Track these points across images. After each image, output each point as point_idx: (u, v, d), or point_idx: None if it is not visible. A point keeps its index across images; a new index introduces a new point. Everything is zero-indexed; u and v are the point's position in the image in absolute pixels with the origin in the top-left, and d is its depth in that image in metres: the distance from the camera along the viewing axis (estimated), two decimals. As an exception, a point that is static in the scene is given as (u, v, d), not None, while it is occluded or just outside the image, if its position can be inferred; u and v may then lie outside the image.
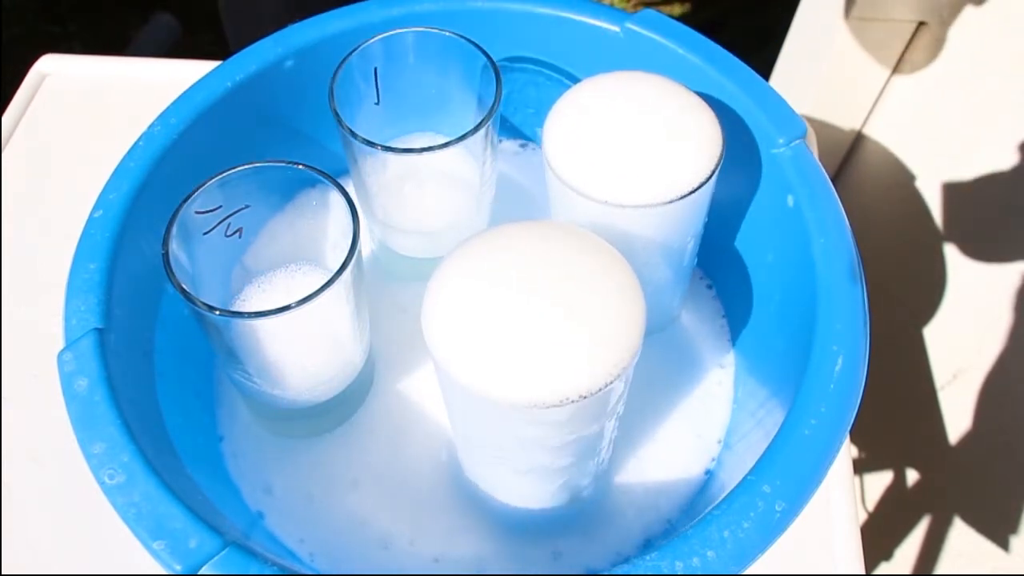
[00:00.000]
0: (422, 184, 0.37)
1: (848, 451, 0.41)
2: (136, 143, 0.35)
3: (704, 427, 0.38)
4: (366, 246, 0.43)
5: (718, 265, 0.41)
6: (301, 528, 0.35)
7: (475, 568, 0.34)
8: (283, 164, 0.31)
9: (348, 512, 0.35)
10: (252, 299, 0.35)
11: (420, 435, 0.37)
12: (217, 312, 0.28)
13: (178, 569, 0.25)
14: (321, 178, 0.31)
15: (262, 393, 0.34)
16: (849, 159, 0.71)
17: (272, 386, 0.33)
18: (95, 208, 0.33)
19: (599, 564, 0.34)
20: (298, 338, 0.31)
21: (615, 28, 0.39)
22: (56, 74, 0.53)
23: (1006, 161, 0.52)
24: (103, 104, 0.52)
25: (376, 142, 0.33)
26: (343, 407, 0.37)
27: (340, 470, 0.37)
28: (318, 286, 0.28)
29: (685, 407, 0.38)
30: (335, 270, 0.29)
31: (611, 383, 0.25)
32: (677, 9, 1.30)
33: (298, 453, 0.37)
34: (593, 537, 0.35)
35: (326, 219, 0.33)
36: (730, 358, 0.40)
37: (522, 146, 0.46)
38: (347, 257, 0.29)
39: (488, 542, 0.35)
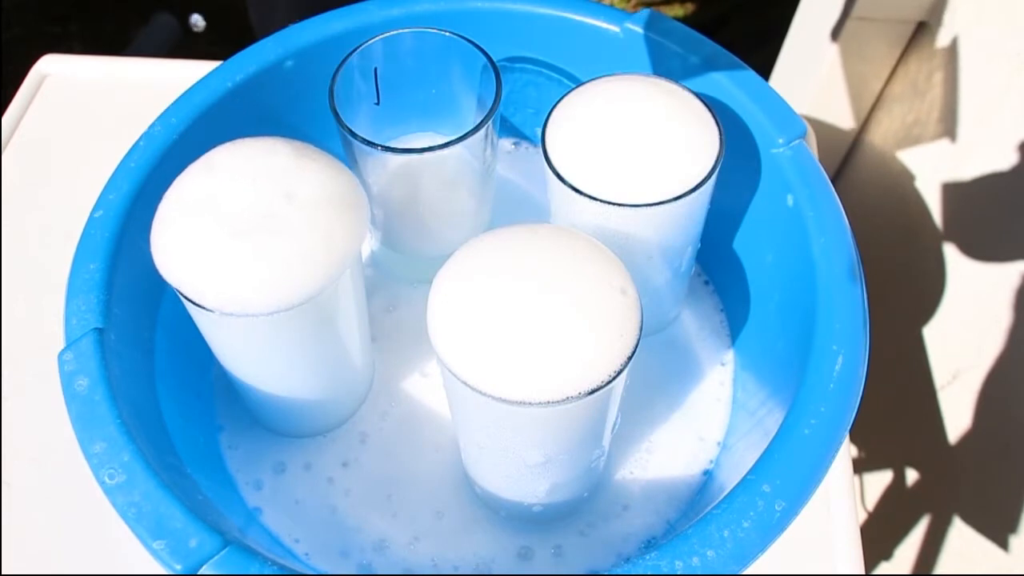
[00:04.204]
0: (422, 184, 0.37)
1: (848, 451, 0.41)
2: (136, 143, 0.35)
3: (705, 427, 0.38)
4: (365, 246, 0.43)
5: (718, 265, 0.41)
6: (297, 526, 0.35)
7: (474, 568, 0.34)
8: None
9: (345, 511, 0.35)
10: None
11: (418, 434, 0.37)
12: (216, 313, 0.28)
13: (178, 569, 0.25)
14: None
15: (260, 393, 0.34)
16: (849, 159, 0.71)
17: (270, 387, 0.33)
18: (95, 208, 0.33)
19: (600, 563, 0.34)
20: (297, 338, 0.31)
21: (615, 28, 0.39)
22: (56, 74, 0.53)
23: (1006, 161, 0.52)
24: (103, 104, 0.52)
25: (376, 142, 0.33)
26: (342, 407, 0.37)
27: (338, 469, 0.37)
28: (318, 286, 0.28)
29: (685, 407, 0.38)
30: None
31: (610, 380, 0.25)
32: (677, 9, 1.30)
33: (297, 450, 0.37)
34: (594, 536, 0.35)
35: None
36: (730, 358, 0.40)
37: (515, 144, 0.46)
38: (347, 257, 0.29)
39: (487, 541, 0.35)
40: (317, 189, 0.29)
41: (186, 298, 0.28)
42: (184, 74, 0.41)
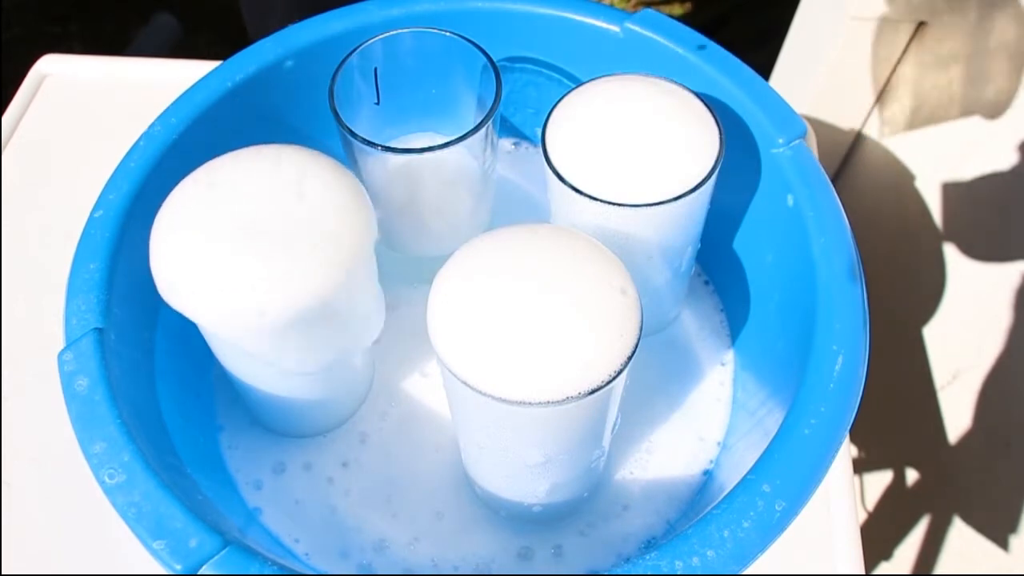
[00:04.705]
0: (422, 184, 0.37)
1: (848, 451, 0.41)
2: (136, 143, 0.35)
3: (705, 427, 0.38)
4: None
5: (718, 265, 0.41)
6: (296, 526, 0.35)
7: (474, 568, 0.34)
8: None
9: (345, 511, 0.35)
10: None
11: (418, 435, 0.37)
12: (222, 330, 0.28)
13: (178, 569, 0.25)
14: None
15: (260, 394, 0.34)
16: (849, 159, 0.71)
17: (270, 388, 0.33)
18: (95, 208, 0.33)
19: (600, 563, 0.34)
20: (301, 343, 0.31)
21: (615, 28, 0.39)
22: (56, 74, 0.53)
23: (1006, 161, 0.52)
24: (103, 104, 0.52)
25: (376, 142, 0.33)
26: (342, 407, 0.37)
27: (338, 469, 0.36)
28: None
29: (685, 407, 0.38)
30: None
31: (610, 380, 0.25)
32: (677, 9, 1.30)
33: (297, 450, 0.37)
34: (594, 536, 0.35)
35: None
36: (730, 358, 0.40)
37: (515, 144, 0.46)
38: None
39: (487, 541, 0.35)
40: (319, 205, 0.28)
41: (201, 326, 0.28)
42: (184, 74, 0.41)
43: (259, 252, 0.27)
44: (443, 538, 0.35)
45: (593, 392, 0.25)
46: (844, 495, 0.38)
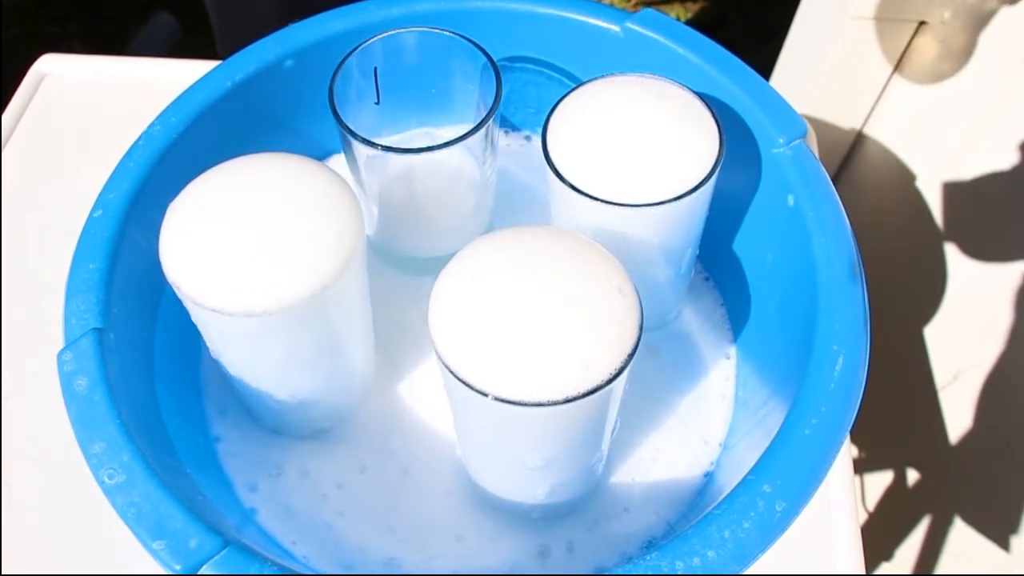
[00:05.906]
0: (422, 184, 0.37)
1: (848, 451, 0.41)
2: (136, 143, 0.35)
3: (708, 425, 0.38)
4: (364, 250, 0.43)
5: (718, 265, 0.41)
6: (293, 530, 0.35)
7: (474, 568, 0.34)
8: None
9: (343, 518, 0.35)
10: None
11: (419, 438, 0.37)
12: (222, 314, 0.28)
13: (178, 569, 0.25)
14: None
15: (259, 392, 0.34)
16: (849, 159, 0.71)
17: (269, 388, 0.33)
18: (95, 208, 0.33)
19: (601, 563, 0.34)
20: (302, 337, 0.31)
21: (615, 28, 0.39)
22: (56, 74, 0.53)
23: (1006, 161, 0.52)
24: (103, 104, 0.52)
25: (376, 142, 0.33)
26: (342, 408, 0.37)
27: (337, 472, 0.36)
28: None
29: (689, 406, 0.38)
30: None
31: (610, 380, 0.25)
32: (677, 9, 1.30)
33: (295, 454, 0.37)
34: (595, 536, 0.35)
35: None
36: (732, 357, 0.40)
37: (521, 141, 0.46)
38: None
39: (485, 540, 0.35)
40: (309, 201, 0.29)
41: (202, 306, 0.28)
42: (184, 74, 0.41)
43: (259, 241, 0.28)
44: (443, 541, 0.35)
45: (593, 392, 0.25)
46: (844, 495, 0.38)
